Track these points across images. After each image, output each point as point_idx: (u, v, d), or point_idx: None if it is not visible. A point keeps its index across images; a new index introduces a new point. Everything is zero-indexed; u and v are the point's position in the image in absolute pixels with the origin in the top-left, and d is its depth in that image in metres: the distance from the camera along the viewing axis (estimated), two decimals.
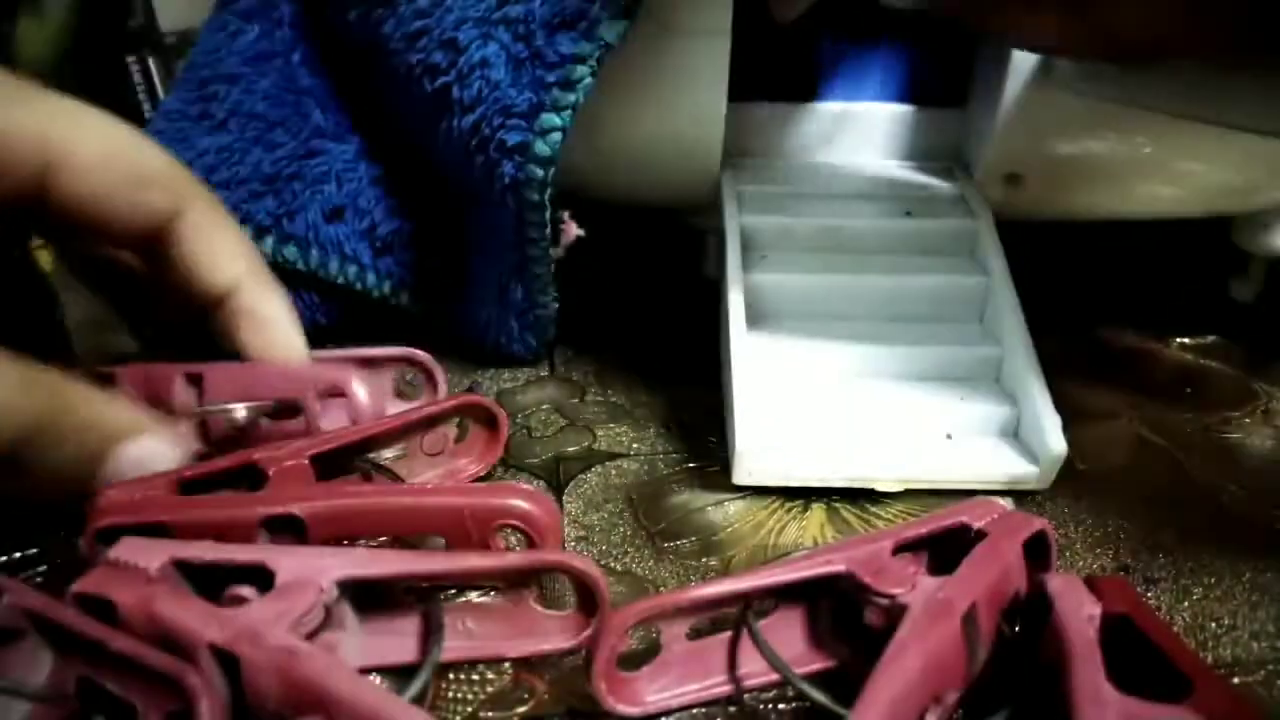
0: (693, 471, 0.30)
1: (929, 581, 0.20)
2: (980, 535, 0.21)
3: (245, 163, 0.34)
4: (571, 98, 0.28)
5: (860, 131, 0.37)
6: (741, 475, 0.28)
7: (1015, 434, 0.30)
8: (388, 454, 0.28)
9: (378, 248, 0.35)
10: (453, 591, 0.24)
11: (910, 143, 0.37)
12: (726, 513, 0.28)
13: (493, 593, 0.23)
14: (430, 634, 0.21)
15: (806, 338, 0.32)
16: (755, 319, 0.31)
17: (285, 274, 0.35)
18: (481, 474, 0.29)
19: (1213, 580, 0.25)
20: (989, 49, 0.34)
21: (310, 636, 0.20)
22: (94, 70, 0.52)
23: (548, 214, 0.30)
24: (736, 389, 0.29)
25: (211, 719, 0.17)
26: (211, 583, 0.21)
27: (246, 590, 0.20)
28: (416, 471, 0.28)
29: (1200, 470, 0.30)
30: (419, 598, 0.22)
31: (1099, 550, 0.26)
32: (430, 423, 0.28)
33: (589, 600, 0.22)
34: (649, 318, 0.39)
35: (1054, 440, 0.28)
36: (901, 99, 0.36)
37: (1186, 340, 0.37)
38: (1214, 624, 0.23)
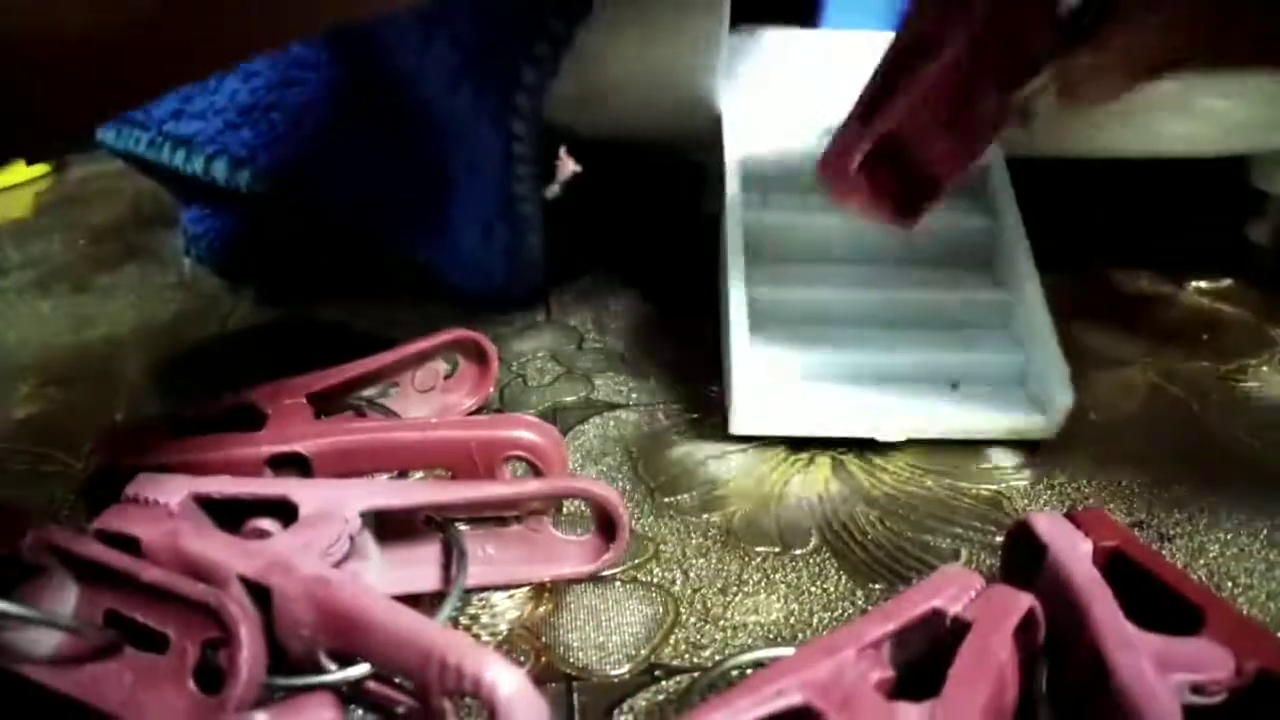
0: (694, 423, 0.29)
1: (909, 711, 0.16)
2: (958, 624, 0.18)
3: (221, 92, 0.33)
4: (566, 27, 0.27)
5: (868, 61, 0.35)
6: (739, 425, 0.27)
7: (1023, 383, 0.29)
8: (369, 392, 0.27)
9: (358, 185, 0.34)
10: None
11: None
12: (729, 466, 0.27)
13: (514, 522, 0.23)
14: (455, 560, 0.21)
15: (808, 282, 0.30)
16: (755, 261, 0.30)
17: (263, 208, 0.34)
18: (474, 409, 0.29)
19: (1229, 537, 0.24)
20: None
21: (336, 566, 0.20)
22: None
23: (536, 147, 0.29)
24: (734, 336, 0.28)
25: (251, 643, 0.17)
26: (231, 517, 0.21)
27: (267, 523, 0.20)
28: (409, 408, 0.28)
29: (1216, 421, 0.29)
30: (438, 527, 0.22)
31: (1112, 505, 0.25)
32: (421, 359, 0.28)
33: (608, 525, 0.22)
34: (649, 259, 0.38)
35: (1062, 390, 0.27)
36: None
37: (1203, 284, 0.36)
38: (1230, 583, 0.23)
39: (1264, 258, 0.38)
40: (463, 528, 0.22)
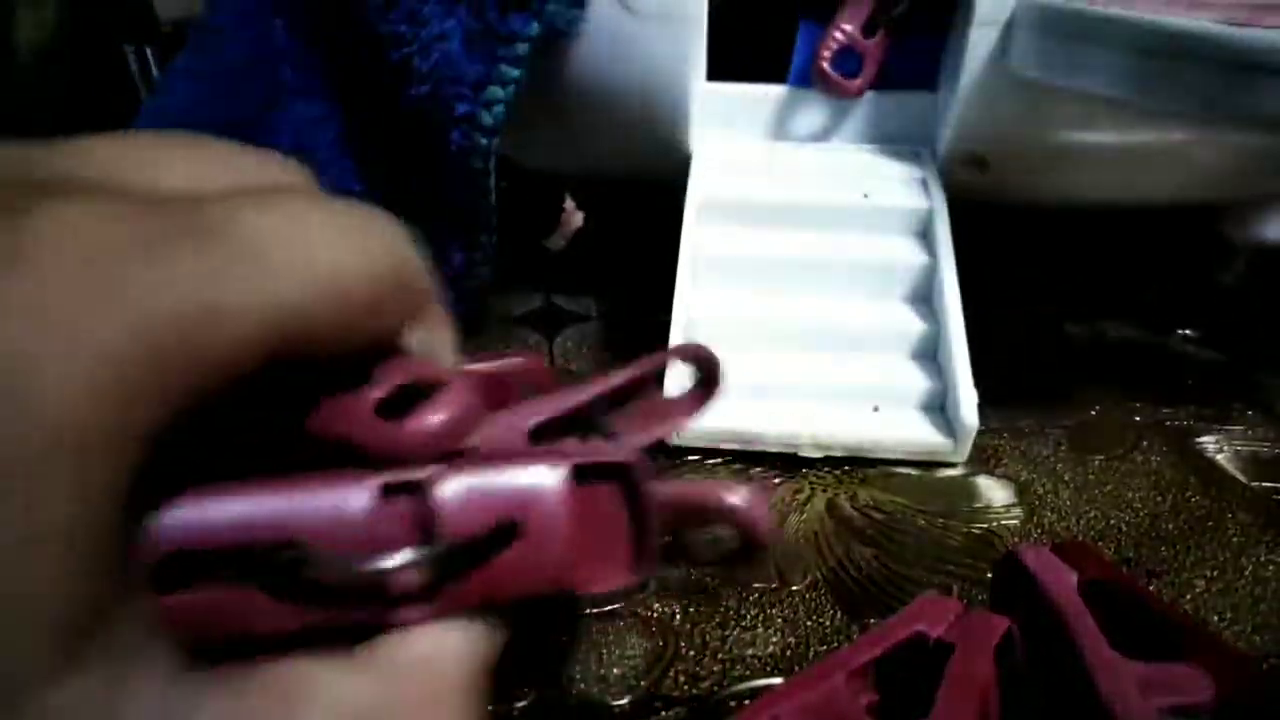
0: (694, 462, 0.29)
1: None
2: (940, 646, 0.18)
3: (215, 109, 0.35)
4: (515, 73, 0.30)
5: (834, 113, 0.37)
6: (673, 435, 0.29)
7: (942, 409, 0.30)
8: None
9: None
10: None
11: (883, 126, 0.37)
12: None
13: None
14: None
15: (753, 309, 0.32)
16: (708, 287, 0.33)
17: None
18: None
19: (1215, 573, 0.25)
20: (956, 31, 0.34)
21: None
22: (91, 59, 0.51)
23: (492, 181, 0.32)
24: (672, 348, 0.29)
25: None
26: None
27: None
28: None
29: (1202, 462, 0.30)
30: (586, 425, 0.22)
31: (1101, 543, 0.26)
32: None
33: (710, 378, 0.23)
34: (651, 305, 0.39)
35: (968, 415, 0.28)
36: (878, 84, 0.37)
37: (1189, 332, 0.37)
38: (1216, 617, 0.23)
39: (1236, 304, 0.39)
40: None
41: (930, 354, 0.31)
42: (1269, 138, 0.32)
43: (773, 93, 0.37)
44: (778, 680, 0.20)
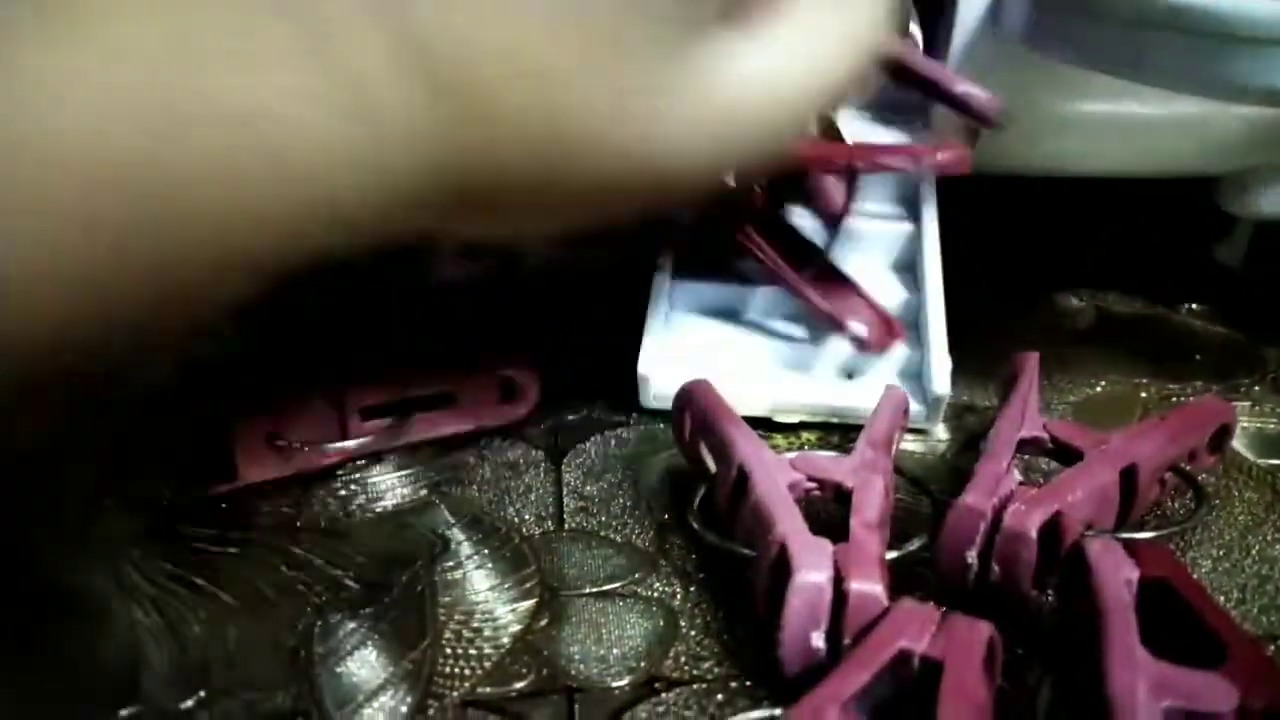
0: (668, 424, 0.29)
1: None
2: (926, 662, 0.18)
3: None
4: None
5: None
6: (647, 399, 0.30)
7: (919, 377, 0.30)
8: None
9: None
10: None
11: (874, 96, 0.36)
12: None
13: None
14: None
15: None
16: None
17: None
18: None
19: (1222, 553, 0.25)
20: (947, 1, 0.33)
21: None
22: None
23: None
24: (649, 316, 0.30)
25: None
26: None
27: None
28: None
29: None
30: None
31: None
32: None
33: None
34: (630, 269, 0.38)
35: (940, 382, 0.28)
36: None
37: (1195, 306, 0.37)
38: (1223, 597, 0.23)
39: (1236, 279, 0.38)
40: None
41: (913, 322, 0.31)
42: (1263, 108, 0.32)
43: None
44: (773, 711, 0.19)
